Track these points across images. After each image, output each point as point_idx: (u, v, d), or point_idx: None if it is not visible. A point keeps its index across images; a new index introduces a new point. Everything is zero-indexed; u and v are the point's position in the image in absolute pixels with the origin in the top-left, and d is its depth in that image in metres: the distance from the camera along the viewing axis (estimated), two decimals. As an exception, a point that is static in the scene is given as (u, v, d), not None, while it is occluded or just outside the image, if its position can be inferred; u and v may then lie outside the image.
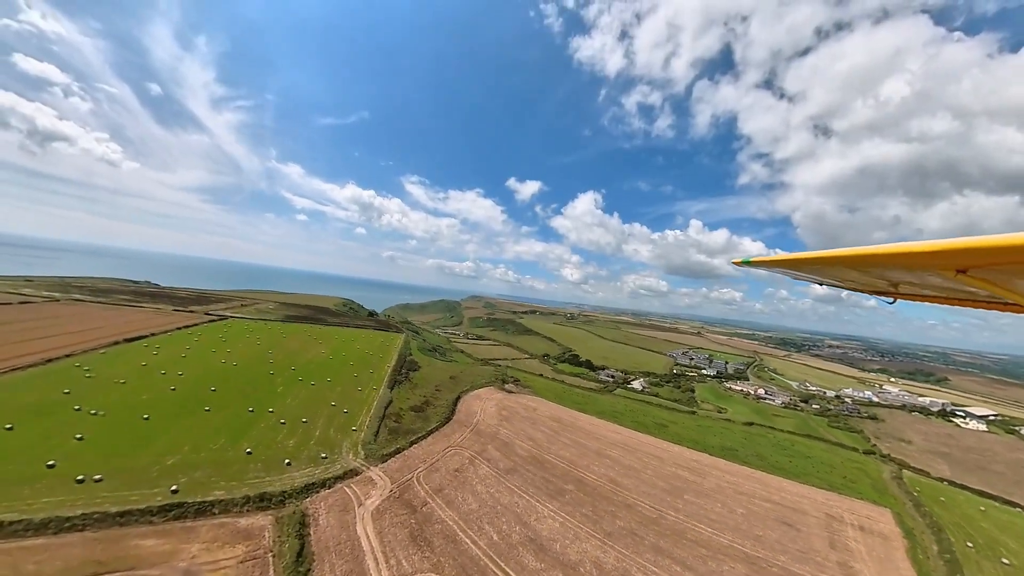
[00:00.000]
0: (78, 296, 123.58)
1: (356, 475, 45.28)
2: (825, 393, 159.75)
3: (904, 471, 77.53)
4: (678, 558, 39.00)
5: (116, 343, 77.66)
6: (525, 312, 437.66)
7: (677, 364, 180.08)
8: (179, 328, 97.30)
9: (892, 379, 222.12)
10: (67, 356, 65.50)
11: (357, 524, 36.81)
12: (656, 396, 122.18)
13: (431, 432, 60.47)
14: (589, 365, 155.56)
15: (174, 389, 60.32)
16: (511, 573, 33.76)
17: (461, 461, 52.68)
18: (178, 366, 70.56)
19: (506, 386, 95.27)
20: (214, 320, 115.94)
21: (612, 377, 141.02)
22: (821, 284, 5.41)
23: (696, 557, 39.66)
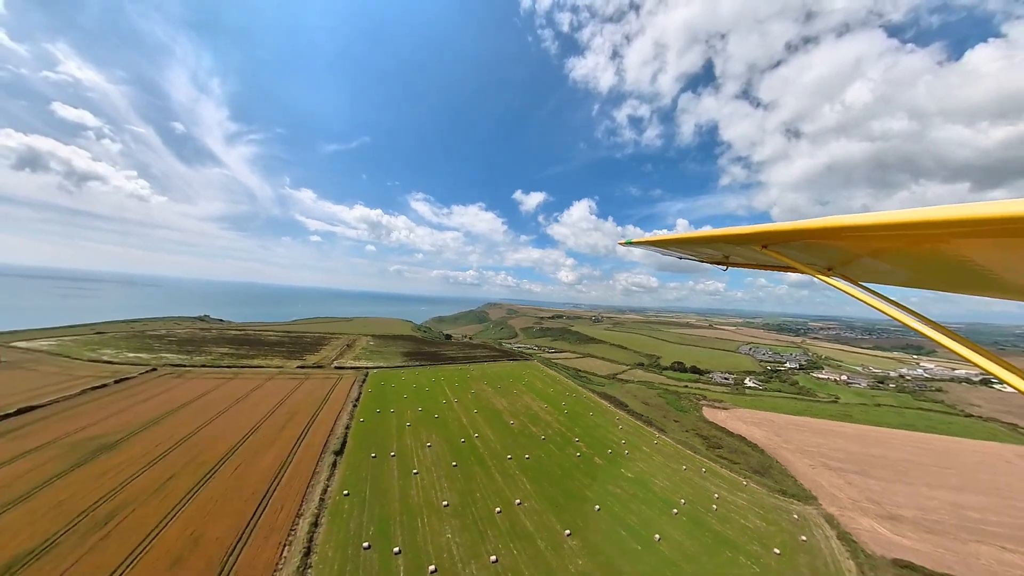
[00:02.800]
0: (175, 361, 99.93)
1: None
2: (888, 374, 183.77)
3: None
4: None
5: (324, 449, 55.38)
6: (551, 317, 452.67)
7: (761, 361, 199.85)
8: (345, 395, 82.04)
9: (915, 356, 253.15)
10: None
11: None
12: (779, 392, 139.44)
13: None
14: (696, 370, 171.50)
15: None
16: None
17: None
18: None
19: (715, 404, 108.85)
20: (342, 372, 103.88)
21: (727, 379, 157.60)
22: (680, 257, 6.98)
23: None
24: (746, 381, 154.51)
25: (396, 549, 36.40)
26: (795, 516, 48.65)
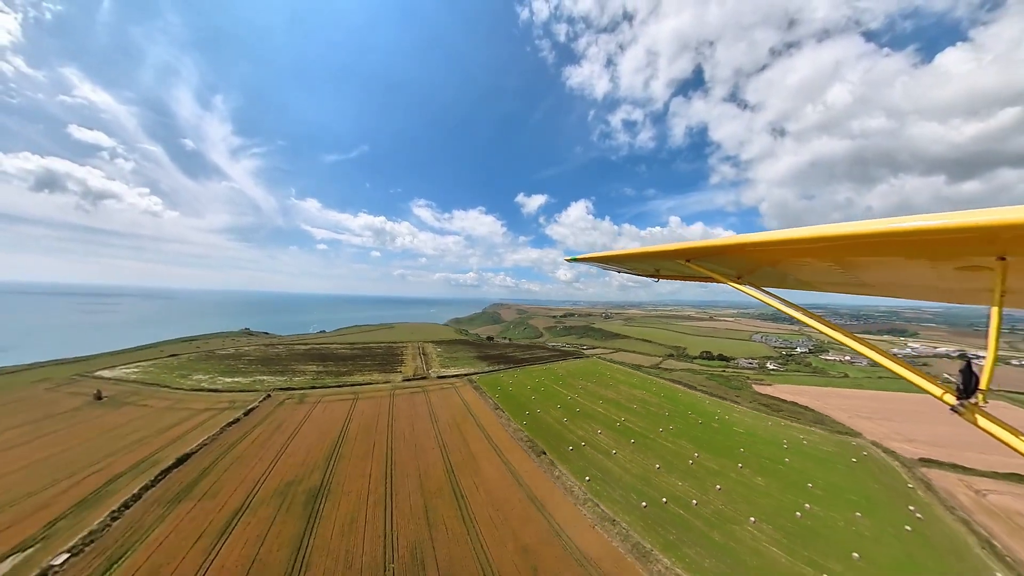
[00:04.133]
0: (277, 384, 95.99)
1: None
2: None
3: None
4: None
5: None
6: (563, 315, 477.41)
7: (775, 347, 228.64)
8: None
9: (902, 338, 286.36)
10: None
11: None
12: (799, 372, 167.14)
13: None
14: (723, 357, 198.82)
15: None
16: None
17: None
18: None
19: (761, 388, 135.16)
20: (449, 381, 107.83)
21: (751, 364, 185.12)
22: (619, 271, 7.67)
23: None
24: (768, 364, 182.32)
25: (663, 499, 48.30)
26: (853, 443, 74.51)
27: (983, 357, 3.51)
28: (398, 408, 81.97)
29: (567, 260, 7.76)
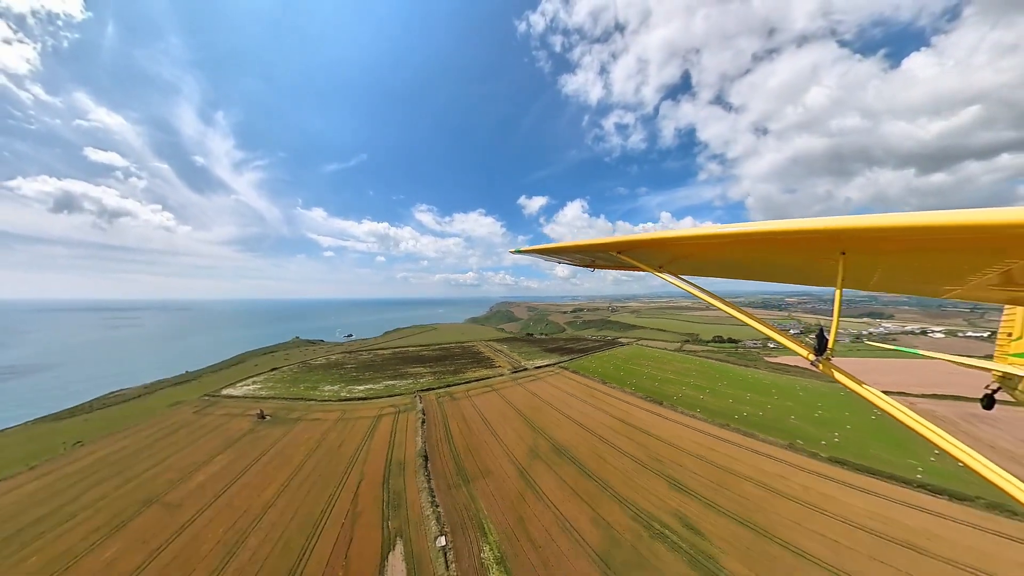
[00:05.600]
0: (403, 389, 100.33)
1: None
2: (861, 332, 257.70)
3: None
4: None
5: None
6: (573, 310, 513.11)
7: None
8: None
9: (878, 320, 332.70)
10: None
11: None
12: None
13: None
14: (731, 340, 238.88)
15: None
16: None
17: None
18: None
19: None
20: (548, 370, 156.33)
21: (755, 344, 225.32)
22: (560, 262, 7.90)
23: None
24: (768, 344, 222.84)
25: (745, 414, 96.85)
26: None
27: (829, 327, 4.74)
28: (540, 392, 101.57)
29: (512, 252, 7.93)
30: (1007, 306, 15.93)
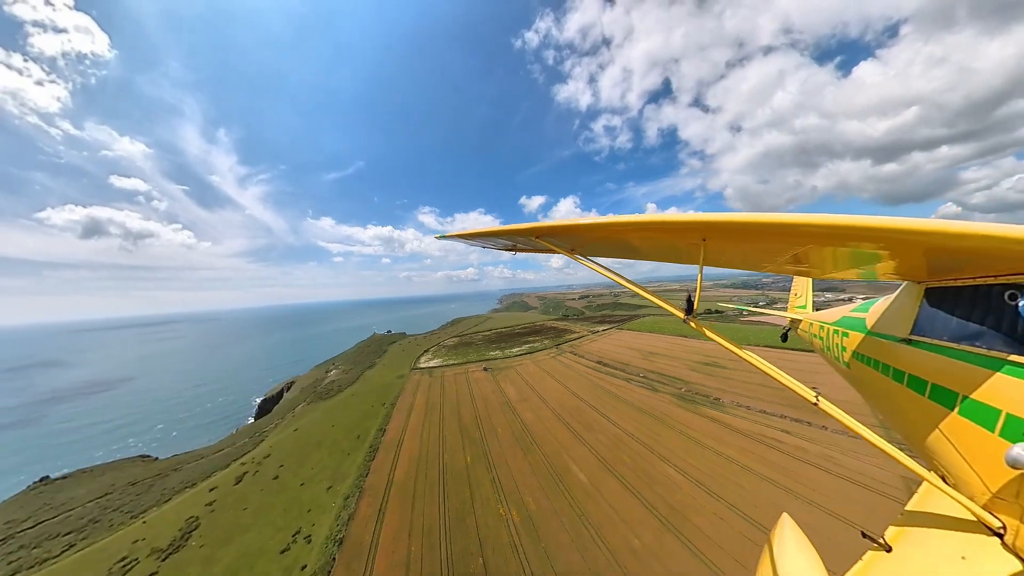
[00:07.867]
0: (587, 333, 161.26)
1: None
2: (818, 300, 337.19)
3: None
4: None
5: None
6: (580, 297, 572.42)
7: (747, 304, 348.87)
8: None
9: (836, 293, 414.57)
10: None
11: None
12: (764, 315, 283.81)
13: None
14: (718, 312, 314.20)
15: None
16: None
17: None
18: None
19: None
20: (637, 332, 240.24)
21: (734, 314, 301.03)
22: (483, 247, 8.27)
23: None
24: (743, 313, 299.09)
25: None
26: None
27: (694, 292, 5.68)
28: (623, 339, 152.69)
29: (436, 238, 8.23)
30: (796, 277, 22.05)
